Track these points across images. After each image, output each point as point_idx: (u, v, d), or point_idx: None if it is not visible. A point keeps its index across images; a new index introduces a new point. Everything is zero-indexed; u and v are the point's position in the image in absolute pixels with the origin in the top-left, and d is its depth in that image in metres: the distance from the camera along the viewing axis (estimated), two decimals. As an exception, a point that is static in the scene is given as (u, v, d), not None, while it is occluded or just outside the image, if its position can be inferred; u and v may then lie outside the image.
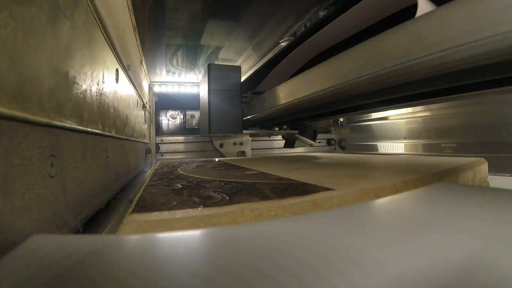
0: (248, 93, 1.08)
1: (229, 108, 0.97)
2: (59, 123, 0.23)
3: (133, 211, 0.23)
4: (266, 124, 1.11)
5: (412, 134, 1.12)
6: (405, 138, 1.16)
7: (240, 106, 1.00)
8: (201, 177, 0.43)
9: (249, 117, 0.98)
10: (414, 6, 0.36)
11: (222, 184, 0.35)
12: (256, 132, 1.14)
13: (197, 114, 1.48)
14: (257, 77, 1.07)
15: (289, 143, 1.19)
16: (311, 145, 1.16)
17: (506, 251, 0.15)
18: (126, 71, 0.58)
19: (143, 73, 1.01)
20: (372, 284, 0.12)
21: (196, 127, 1.47)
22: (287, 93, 0.65)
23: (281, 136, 1.39)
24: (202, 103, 1.12)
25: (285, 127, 1.16)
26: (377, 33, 0.36)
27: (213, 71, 0.96)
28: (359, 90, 0.48)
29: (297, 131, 1.13)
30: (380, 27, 0.54)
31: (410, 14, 0.35)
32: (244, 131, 1.04)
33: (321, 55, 0.77)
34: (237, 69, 1.00)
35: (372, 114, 1.32)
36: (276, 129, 1.17)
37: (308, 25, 0.79)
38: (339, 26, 0.60)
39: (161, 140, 1.35)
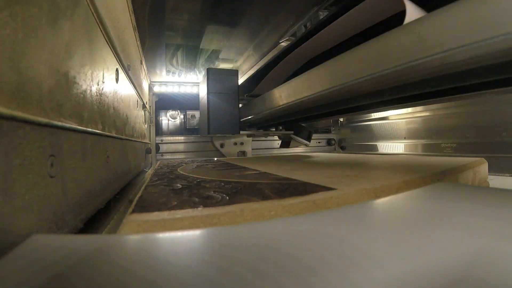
0: (245, 95, 1.13)
1: (227, 110, 1.02)
2: (59, 123, 0.23)
3: (133, 211, 0.23)
4: (263, 125, 1.15)
5: (412, 134, 1.12)
6: (405, 138, 1.16)
7: (238, 108, 1.04)
8: (201, 177, 0.43)
9: (247, 118, 1.01)
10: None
11: (222, 184, 0.35)
12: (252, 132, 1.20)
13: (197, 114, 1.48)
14: (256, 78, 1.10)
15: (285, 143, 1.26)
16: (306, 145, 1.21)
17: (506, 250, 0.15)
18: (126, 71, 0.58)
19: (143, 73, 1.01)
20: (372, 284, 0.12)
21: (196, 127, 1.47)
22: (286, 94, 0.66)
23: (277, 136, 1.44)
24: (201, 104, 1.16)
25: (280, 128, 1.20)
26: (378, 34, 0.36)
27: (211, 75, 1.01)
28: (360, 91, 0.48)
29: (292, 132, 1.18)
30: (381, 28, 0.54)
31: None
32: (241, 132, 1.08)
33: (319, 57, 0.78)
34: (235, 73, 1.05)
35: (372, 114, 1.32)
36: (273, 129, 1.22)
37: (308, 25, 0.80)
38: (339, 28, 0.61)
39: (161, 140, 1.35)
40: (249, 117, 0.98)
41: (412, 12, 0.36)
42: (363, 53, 0.39)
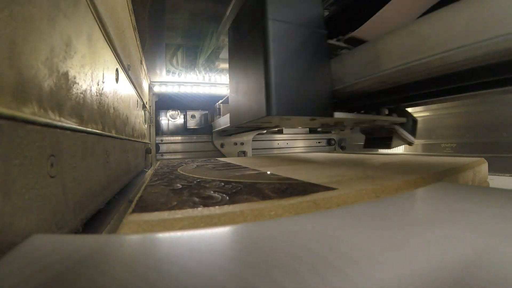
0: (336, 40, 0.56)
1: (307, 65, 0.47)
2: (59, 123, 0.23)
3: (133, 211, 0.23)
4: (355, 105, 0.61)
5: (412, 134, 1.12)
6: (405, 138, 1.16)
7: (328, 62, 0.51)
8: (201, 177, 0.43)
9: (339, 87, 0.53)
10: None
11: (222, 184, 0.35)
12: (353, 117, 0.58)
13: (197, 114, 1.48)
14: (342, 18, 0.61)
15: (380, 141, 0.68)
16: (410, 144, 0.69)
17: (506, 250, 0.15)
18: (126, 71, 0.58)
19: (143, 73, 1.01)
20: (372, 284, 0.12)
21: (196, 127, 1.47)
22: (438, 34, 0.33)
23: (362, 128, 0.77)
24: (233, 62, 0.63)
25: (387, 112, 0.64)
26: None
27: None
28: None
29: (404, 119, 0.65)
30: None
31: None
32: (336, 115, 0.53)
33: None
34: None
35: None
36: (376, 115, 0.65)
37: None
38: None
39: (161, 140, 1.35)
40: (345, 84, 0.51)
41: None
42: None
